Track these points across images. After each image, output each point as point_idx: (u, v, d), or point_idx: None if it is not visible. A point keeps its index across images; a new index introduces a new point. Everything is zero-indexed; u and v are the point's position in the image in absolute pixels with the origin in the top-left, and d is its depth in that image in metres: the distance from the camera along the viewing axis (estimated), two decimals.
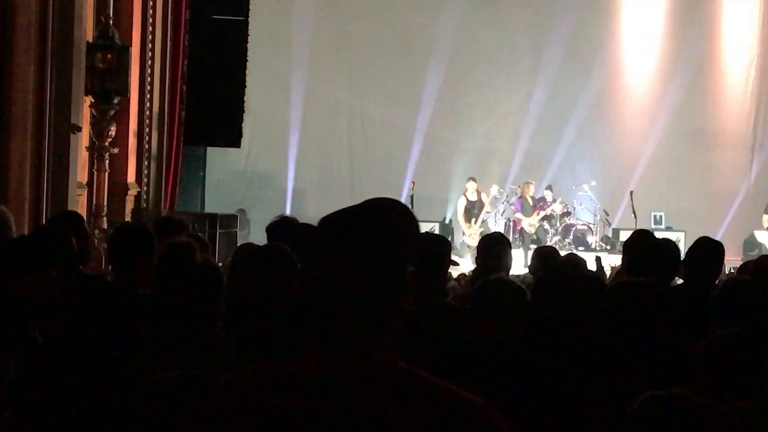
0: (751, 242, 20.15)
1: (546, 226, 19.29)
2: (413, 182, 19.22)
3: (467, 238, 18.60)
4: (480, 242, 6.68)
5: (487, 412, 1.98)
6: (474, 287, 4.18)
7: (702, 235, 6.38)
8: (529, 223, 19.05)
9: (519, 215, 19.25)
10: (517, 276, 7.99)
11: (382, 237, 2.02)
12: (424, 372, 2.01)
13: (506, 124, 21.80)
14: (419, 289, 4.69)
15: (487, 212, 19.21)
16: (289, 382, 1.98)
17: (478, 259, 6.30)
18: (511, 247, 6.56)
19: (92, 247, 7.26)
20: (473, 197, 19.09)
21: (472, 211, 19.00)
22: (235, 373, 2.06)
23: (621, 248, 7.07)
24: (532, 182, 19.64)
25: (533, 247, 14.01)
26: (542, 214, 19.13)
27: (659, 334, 3.87)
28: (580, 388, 3.76)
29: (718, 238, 6.55)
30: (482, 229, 18.29)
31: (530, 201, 19.43)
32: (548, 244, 17.50)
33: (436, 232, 17.56)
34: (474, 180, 19.20)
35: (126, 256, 4.94)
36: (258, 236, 8.91)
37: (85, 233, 6.05)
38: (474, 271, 5.73)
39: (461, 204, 19.11)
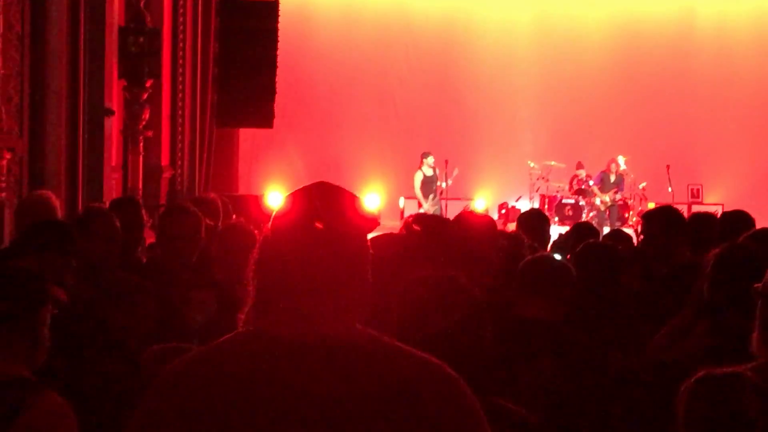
0: None
1: (582, 201, 19.19)
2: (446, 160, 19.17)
3: (422, 210, 18.35)
4: (520, 218, 6.62)
5: (448, 373, 2.15)
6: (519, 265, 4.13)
7: (736, 209, 6.35)
8: (601, 200, 19.02)
9: (596, 189, 19.22)
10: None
11: (347, 213, 2.22)
12: (388, 338, 2.18)
13: (534, 99, 21.71)
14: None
15: (443, 187, 19.05)
16: (265, 349, 2.12)
17: None
18: (549, 224, 6.51)
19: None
20: (429, 172, 18.97)
21: (430, 185, 18.88)
22: (216, 343, 2.20)
23: None
24: (616, 159, 19.49)
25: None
26: (619, 195, 19.12)
27: None
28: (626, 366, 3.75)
29: (757, 211, 6.48)
30: (436, 207, 18.15)
31: (612, 178, 19.35)
32: (584, 220, 17.45)
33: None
34: (430, 155, 19.03)
35: (176, 234, 4.94)
36: None
37: (141, 220, 6.05)
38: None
39: (418, 178, 18.97)
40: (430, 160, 19.01)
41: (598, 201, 19.06)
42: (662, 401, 3.56)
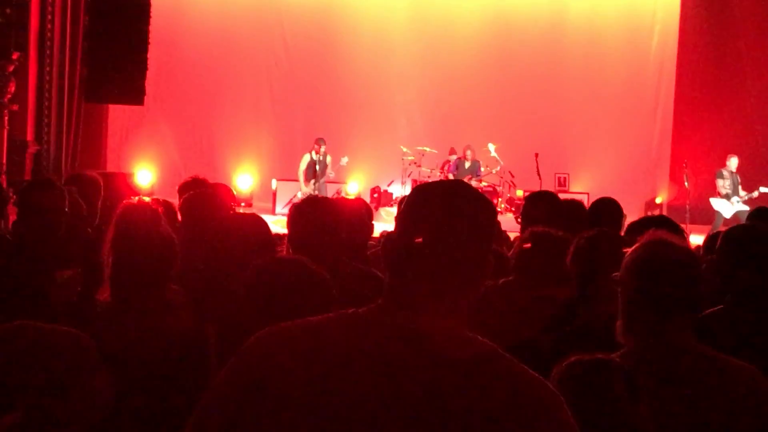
0: (651, 204, 20.69)
1: None
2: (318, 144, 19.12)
3: (299, 194, 18.27)
4: (399, 205, 6.62)
5: (549, 391, 2.10)
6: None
7: (602, 196, 6.52)
8: None
9: (451, 176, 19.33)
10: None
11: (479, 215, 2.20)
12: (492, 344, 2.14)
13: (410, 85, 21.82)
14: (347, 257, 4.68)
15: (331, 174, 18.86)
16: (365, 332, 2.11)
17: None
18: None
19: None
20: (317, 157, 18.95)
21: (314, 170, 18.82)
22: (323, 316, 2.19)
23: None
24: (471, 146, 19.62)
25: None
26: (474, 182, 19.23)
27: None
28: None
29: (620, 200, 6.64)
30: (317, 191, 18.05)
31: (467, 165, 19.50)
32: None
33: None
34: (323, 142, 18.88)
35: (41, 210, 4.80)
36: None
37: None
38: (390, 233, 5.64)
39: (305, 161, 18.82)
40: (321, 147, 18.86)
41: None
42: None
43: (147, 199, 4.49)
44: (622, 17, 22.32)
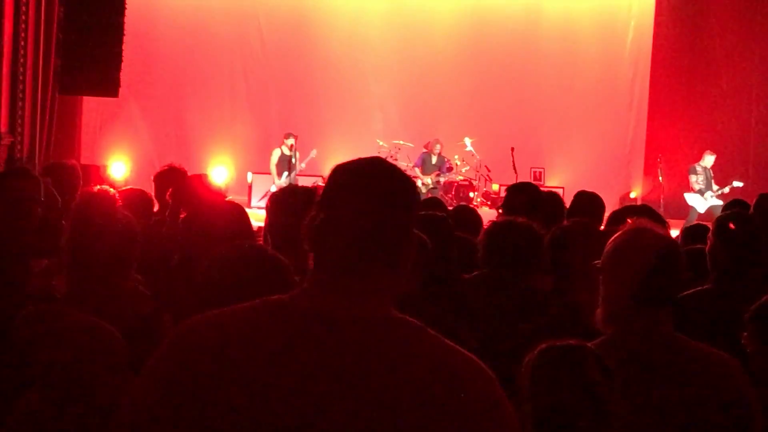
0: (626, 198, 20.76)
1: (426, 181, 19.36)
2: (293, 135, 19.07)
3: (273, 187, 18.31)
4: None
5: (478, 367, 2.07)
6: None
7: (584, 190, 6.56)
8: (423, 182, 19.08)
9: (417, 171, 19.30)
10: None
11: (394, 188, 2.18)
12: (419, 323, 2.11)
13: (386, 79, 21.79)
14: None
15: (302, 166, 19.04)
16: (288, 318, 2.08)
17: None
18: None
19: None
20: (287, 151, 18.92)
21: (285, 163, 18.88)
22: (240, 305, 2.16)
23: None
24: (440, 141, 19.60)
25: None
26: (442, 178, 19.21)
27: None
28: None
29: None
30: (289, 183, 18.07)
31: (434, 160, 19.47)
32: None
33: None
34: (293, 136, 18.89)
35: (17, 200, 4.77)
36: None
37: None
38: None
39: (275, 155, 18.95)
40: (290, 141, 18.85)
41: (420, 183, 19.14)
42: None
43: (109, 188, 4.43)
44: (598, 12, 22.35)
